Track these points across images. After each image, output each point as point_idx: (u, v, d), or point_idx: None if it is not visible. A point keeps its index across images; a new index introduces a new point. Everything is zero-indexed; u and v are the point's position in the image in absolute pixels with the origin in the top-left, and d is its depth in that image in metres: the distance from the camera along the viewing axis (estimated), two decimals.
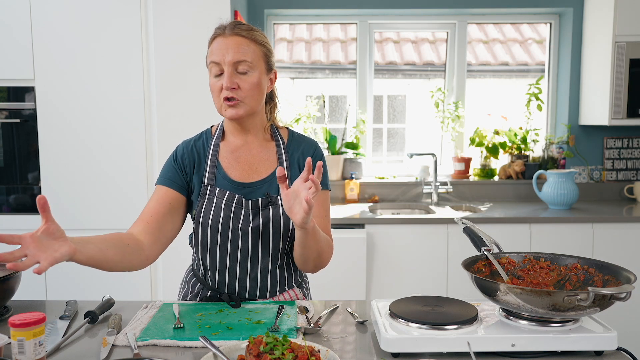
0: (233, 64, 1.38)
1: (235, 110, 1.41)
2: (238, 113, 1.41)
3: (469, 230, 1.38)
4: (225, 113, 1.42)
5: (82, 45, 2.62)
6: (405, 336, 1.12)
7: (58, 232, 1.10)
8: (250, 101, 1.42)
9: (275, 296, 1.50)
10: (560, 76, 3.57)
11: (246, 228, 1.42)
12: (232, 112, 1.41)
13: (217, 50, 1.39)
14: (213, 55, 1.40)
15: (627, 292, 1.05)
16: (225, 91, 1.39)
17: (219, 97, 1.41)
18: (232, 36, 1.40)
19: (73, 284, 2.70)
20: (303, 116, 3.49)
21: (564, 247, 2.83)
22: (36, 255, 1.04)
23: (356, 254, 2.82)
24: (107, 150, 2.67)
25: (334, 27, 3.92)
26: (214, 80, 1.42)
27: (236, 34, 1.40)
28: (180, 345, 1.18)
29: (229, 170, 1.47)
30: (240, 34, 1.40)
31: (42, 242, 1.06)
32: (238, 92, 1.40)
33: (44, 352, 1.05)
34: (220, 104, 1.42)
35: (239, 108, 1.41)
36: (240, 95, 1.40)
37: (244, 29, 1.42)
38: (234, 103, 1.40)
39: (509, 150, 3.53)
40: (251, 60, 1.40)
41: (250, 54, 1.40)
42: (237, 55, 1.38)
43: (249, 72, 1.40)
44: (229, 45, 1.39)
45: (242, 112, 1.42)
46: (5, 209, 2.73)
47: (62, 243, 1.10)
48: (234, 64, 1.39)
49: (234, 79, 1.39)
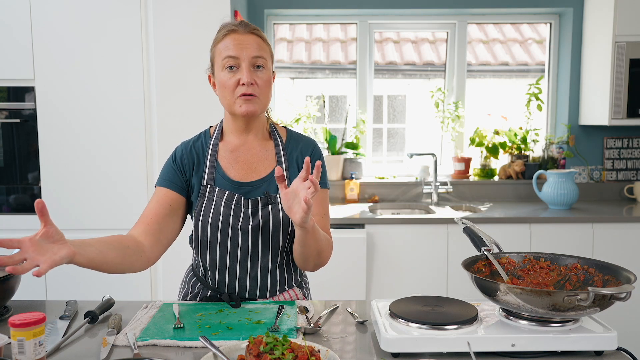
0: (251, 59, 1.40)
1: (252, 106, 1.41)
2: (253, 108, 1.42)
3: (469, 230, 1.38)
4: (239, 109, 1.41)
5: (82, 45, 2.62)
6: (405, 336, 1.12)
7: (57, 235, 1.10)
8: (264, 98, 1.44)
9: (275, 296, 1.50)
10: (560, 76, 3.57)
11: (246, 227, 1.42)
12: (248, 107, 1.41)
13: (234, 45, 1.40)
14: (229, 50, 1.40)
15: (627, 292, 1.05)
16: (244, 87, 1.39)
17: (233, 93, 1.41)
18: (248, 34, 1.42)
19: (73, 284, 2.70)
20: (303, 116, 3.49)
21: (564, 247, 2.83)
22: (35, 259, 1.04)
23: (356, 254, 2.82)
24: (107, 150, 2.67)
25: (334, 27, 3.92)
26: (227, 76, 1.41)
27: (251, 32, 1.43)
28: (180, 345, 1.18)
29: (228, 170, 1.47)
30: (255, 33, 1.43)
31: (41, 245, 1.06)
32: (254, 87, 1.40)
33: (44, 352, 1.05)
34: (233, 100, 1.42)
35: (255, 104, 1.42)
36: (257, 91, 1.41)
37: (255, 28, 1.45)
38: (251, 98, 1.40)
39: (509, 150, 3.54)
40: (266, 58, 1.43)
41: (264, 52, 1.43)
42: (257, 51, 1.41)
43: (264, 69, 1.42)
44: (247, 41, 1.41)
45: (257, 107, 1.42)
46: (5, 209, 2.73)
47: (61, 246, 1.10)
48: (253, 59, 1.40)
49: (252, 75, 1.40)
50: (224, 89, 1.42)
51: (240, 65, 1.40)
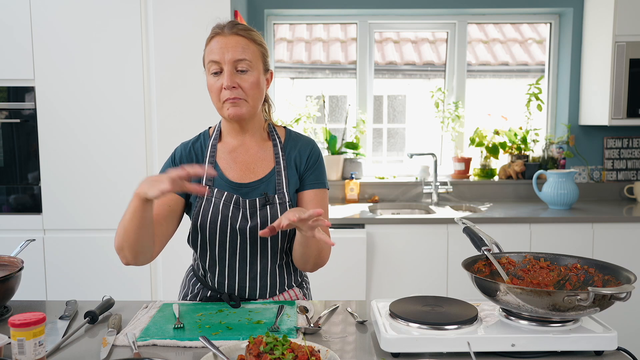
0: (233, 63, 1.38)
1: (238, 109, 1.40)
2: (240, 112, 1.40)
3: (469, 230, 1.38)
4: (226, 113, 1.41)
5: (82, 45, 2.62)
6: (405, 336, 1.12)
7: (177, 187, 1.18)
8: (252, 100, 1.42)
9: (275, 296, 1.50)
10: (560, 76, 3.57)
11: (244, 228, 1.42)
12: (234, 110, 1.40)
13: (216, 49, 1.39)
14: (212, 54, 1.39)
15: (627, 292, 1.05)
16: (226, 91, 1.38)
17: (219, 97, 1.41)
18: (231, 35, 1.40)
19: (73, 284, 2.70)
20: (303, 116, 3.49)
21: (564, 247, 2.83)
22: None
23: (356, 254, 2.82)
24: (107, 150, 2.67)
25: (334, 27, 3.92)
26: (212, 80, 1.41)
27: (235, 33, 1.40)
28: (180, 345, 1.18)
29: (226, 171, 1.47)
30: (239, 33, 1.40)
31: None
32: (238, 91, 1.39)
33: (44, 352, 1.05)
34: (220, 105, 1.42)
35: (241, 107, 1.40)
36: (241, 94, 1.39)
37: (242, 28, 1.42)
38: (236, 101, 1.39)
39: (509, 150, 3.54)
40: (250, 59, 1.40)
41: (250, 53, 1.40)
42: (237, 53, 1.38)
43: (248, 71, 1.40)
44: (229, 44, 1.38)
45: (244, 110, 1.41)
46: (5, 209, 2.73)
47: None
48: (234, 63, 1.38)
49: (234, 78, 1.38)
50: (211, 93, 1.42)
51: (223, 69, 1.39)
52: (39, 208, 2.70)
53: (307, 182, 1.50)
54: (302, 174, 1.50)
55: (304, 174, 1.50)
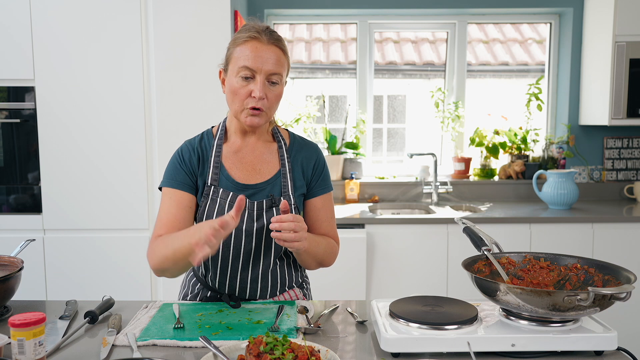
0: (268, 75, 1.38)
1: (257, 120, 1.40)
2: (259, 122, 1.41)
3: (469, 230, 1.38)
4: (245, 120, 1.40)
5: (81, 45, 2.62)
6: (405, 336, 1.12)
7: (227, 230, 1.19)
8: (270, 112, 1.43)
9: (276, 296, 1.50)
10: (560, 76, 3.57)
11: (250, 229, 1.42)
12: (252, 120, 1.40)
13: (253, 56, 1.36)
14: (247, 60, 1.36)
15: (627, 292, 1.05)
16: (254, 99, 1.37)
17: (243, 102, 1.39)
18: (269, 45, 1.38)
19: (73, 284, 2.70)
20: (303, 116, 3.49)
21: (564, 247, 2.83)
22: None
23: (356, 254, 2.82)
24: (107, 150, 2.67)
25: (334, 27, 3.92)
26: (240, 84, 1.38)
27: (273, 44, 1.39)
28: (180, 345, 1.19)
29: (232, 172, 1.47)
30: (277, 44, 1.40)
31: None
32: (264, 102, 1.39)
33: (44, 352, 1.05)
34: (241, 109, 1.40)
35: (260, 118, 1.41)
36: (265, 106, 1.39)
37: (277, 38, 1.41)
38: (258, 113, 1.39)
39: (509, 150, 3.54)
40: (282, 73, 1.41)
41: (283, 67, 1.41)
42: (274, 66, 1.38)
43: (277, 84, 1.41)
44: (268, 54, 1.37)
45: (262, 121, 1.42)
46: (5, 209, 2.73)
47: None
48: (269, 75, 1.38)
49: (265, 90, 1.38)
50: (234, 95, 1.40)
51: (256, 77, 1.37)
52: (39, 208, 2.70)
53: (315, 190, 1.51)
54: (309, 181, 1.51)
55: (311, 181, 1.51)
